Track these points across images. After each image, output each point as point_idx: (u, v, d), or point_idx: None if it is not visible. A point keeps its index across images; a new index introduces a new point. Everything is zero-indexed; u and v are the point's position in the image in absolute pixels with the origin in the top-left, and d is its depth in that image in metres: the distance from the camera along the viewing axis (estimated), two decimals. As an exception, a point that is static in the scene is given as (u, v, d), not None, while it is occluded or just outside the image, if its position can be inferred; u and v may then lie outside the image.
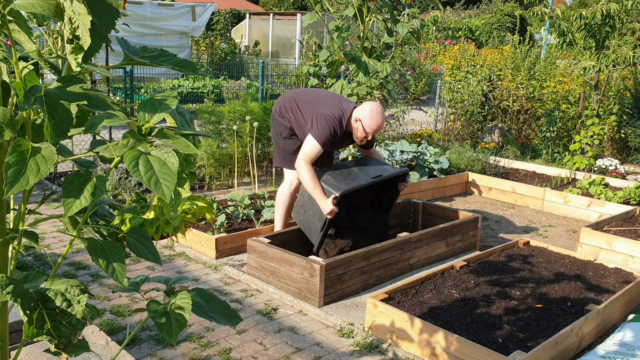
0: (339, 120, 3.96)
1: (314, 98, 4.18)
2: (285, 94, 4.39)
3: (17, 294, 1.21)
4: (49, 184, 5.88)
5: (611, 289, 3.74)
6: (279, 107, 4.27)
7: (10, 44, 1.23)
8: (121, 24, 7.36)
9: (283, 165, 4.39)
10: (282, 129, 4.28)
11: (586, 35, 7.82)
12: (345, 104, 4.09)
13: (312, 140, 3.90)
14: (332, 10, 5.86)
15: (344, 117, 3.99)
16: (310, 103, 4.11)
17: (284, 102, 4.26)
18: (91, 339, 2.80)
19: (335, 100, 4.11)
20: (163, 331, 1.34)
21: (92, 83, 6.61)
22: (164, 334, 1.33)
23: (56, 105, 1.13)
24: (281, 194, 4.37)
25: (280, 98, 4.37)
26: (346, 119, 4.00)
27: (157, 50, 1.39)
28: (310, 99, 4.17)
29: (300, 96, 4.24)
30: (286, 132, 4.27)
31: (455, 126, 9.68)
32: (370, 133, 3.98)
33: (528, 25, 15.43)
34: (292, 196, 4.34)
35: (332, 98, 4.16)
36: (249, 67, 17.16)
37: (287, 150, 4.30)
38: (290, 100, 4.21)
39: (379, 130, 4.03)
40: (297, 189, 4.31)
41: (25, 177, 1.09)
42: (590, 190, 6.25)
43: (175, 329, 1.34)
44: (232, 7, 24.61)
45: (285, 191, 4.33)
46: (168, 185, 1.14)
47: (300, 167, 3.89)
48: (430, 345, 2.98)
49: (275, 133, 4.35)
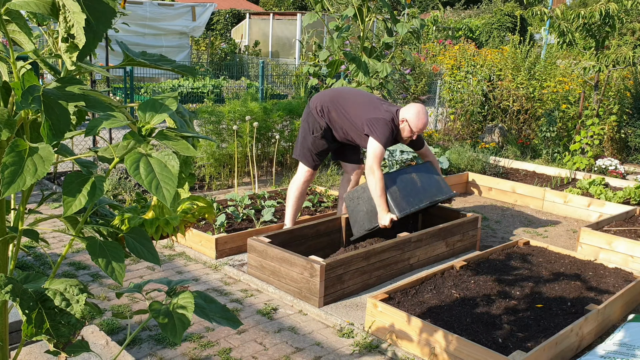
0: (392, 122, 4.21)
1: (359, 102, 4.36)
2: (324, 93, 4.54)
3: (16, 294, 1.21)
4: (48, 184, 5.88)
5: (611, 289, 3.74)
6: (320, 106, 4.38)
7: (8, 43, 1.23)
8: (121, 23, 7.37)
9: (301, 160, 4.53)
10: (316, 127, 4.39)
11: (586, 35, 7.81)
12: (389, 107, 4.34)
13: (375, 143, 4.13)
14: (332, 10, 5.86)
15: (395, 118, 4.24)
16: (358, 106, 4.30)
17: (326, 102, 4.38)
18: (91, 339, 2.80)
19: (381, 104, 4.34)
20: (167, 331, 1.33)
21: (92, 83, 6.61)
22: (167, 334, 1.33)
23: (54, 105, 1.12)
24: (292, 187, 4.54)
25: (320, 96, 4.49)
26: (397, 120, 4.24)
27: (157, 55, 1.39)
28: (356, 102, 4.35)
29: (345, 98, 4.39)
30: (320, 132, 4.39)
31: (455, 126, 9.68)
32: (416, 132, 4.25)
33: (528, 26, 15.43)
34: (301, 189, 4.51)
35: (377, 101, 4.38)
36: (249, 67, 17.16)
37: (311, 148, 4.44)
38: (333, 102, 4.36)
39: (424, 129, 4.29)
40: (307, 184, 4.54)
41: (22, 177, 1.09)
42: (590, 190, 6.25)
43: (179, 329, 1.34)
44: (232, 7, 24.61)
45: (297, 184, 4.51)
46: (168, 188, 1.14)
47: (373, 172, 4.09)
48: (430, 345, 2.99)
49: (307, 128, 4.45)
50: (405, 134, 4.27)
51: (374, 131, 4.15)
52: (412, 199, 4.23)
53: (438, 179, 4.53)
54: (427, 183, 4.43)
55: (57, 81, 1.21)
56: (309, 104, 4.49)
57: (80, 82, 1.22)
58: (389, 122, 4.19)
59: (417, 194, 4.30)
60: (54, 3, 1.15)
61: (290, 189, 4.56)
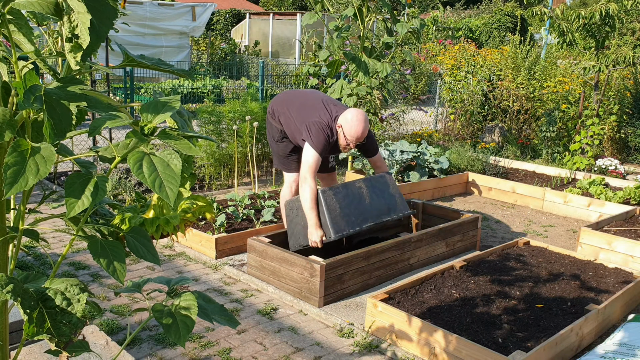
0: (328, 126, 3.87)
1: (304, 103, 4.07)
2: (277, 97, 4.34)
3: (17, 293, 1.21)
4: (48, 184, 5.88)
5: (611, 289, 3.74)
6: (271, 110, 4.23)
7: (9, 44, 1.23)
8: (121, 23, 7.37)
9: (280, 168, 4.40)
10: (275, 132, 4.25)
11: (586, 35, 7.81)
12: (333, 108, 3.97)
13: (310, 150, 3.82)
14: (332, 10, 5.86)
15: (332, 121, 3.90)
16: (301, 109, 4.02)
17: (276, 105, 4.22)
18: (91, 339, 2.80)
19: (325, 104, 4.00)
20: (171, 334, 1.33)
21: (92, 83, 6.61)
22: (171, 337, 1.33)
23: (56, 105, 1.13)
24: (283, 197, 4.34)
25: (273, 100, 4.32)
26: (333, 124, 3.90)
27: (155, 59, 1.40)
28: (301, 104, 4.07)
29: (292, 101, 4.16)
30: (278, 135, 4.24)
31: (455, 126, 9.68)
32: (351, 141, 3.83)
33: (528, 26, 15.43)
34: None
35: (323, 102, 4.04)
36: (249, 67, 17.16)
37: (280, 153, 4.29)
38: (282, 105, 4.16)
39: (361, 139, 3.84)
40: (297, 191, 4.24)
41: (25, 177, 1.09)
42: (590, 190, 6.25)
43: (182, 331, 1.33)
44: (232, 7, 24.62)
45: (286, 195, 4.29)
46: (172, 187, 1.14)
47: (305, 182, 3.78)
48: (430, 345, 2.99)
49: (270, 136, 4.34)
50: (340, 141, 3.88)
51: (309, 137, 3.82)
52: (355, 218, 3.77)
53: (393, 193, 4.06)
54: (379, 199, 3.95)
55: (58, 81, 1.21)
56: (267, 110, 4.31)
57: (81, 82, 1.23)
58: (325, 127, 3.83)
59: (363, 213, 3.82)
60: (57, 3, 1.16)
61: (282, 200, 4.32)
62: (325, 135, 3.85)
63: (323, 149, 3.85)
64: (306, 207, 3.74)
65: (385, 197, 4.01)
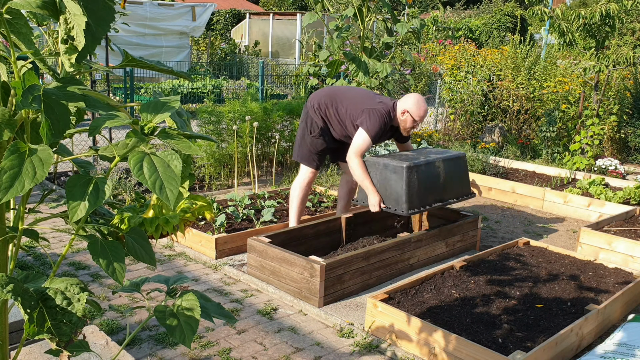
0: (388, 114, 4.13)
1: (355, 96, 4.30)
2: (321, 91, 4.48)
3: (17, 293, 1.21)
4: (48, 184, 5.88)
5: (611, 289, 3.74)
6: (317, 104, 4.33)
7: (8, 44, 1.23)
8: (121, 23, 7.36)
9: (302, 161, 4.48)
10: (314, 127, 4.34)
11: (586, 36, 7.81)
12: (385, 100, 4.27)
13: (363, 134, 4.05)
14: (332, 10, 5.86)
15: (392, 109, 4.17)
16: (355, 100, 4.25)
17: (322, 98, 4.34)
18: (91, 338, 2.80)
19: (376, 97, 4.28)
20: (175, 335, 1.32)
21: (92, 83, 6.61)
22: (176, 338, 1.32)
23: (54, 105, 1.12)
24: (296, 188, 4.47)
25: (317, 94, 4.44)
26: (393, 113, 4.17)
27: (154, 62, 1.40)
28: (353, 97, 4.30)
29: (343, 93, 4.35)
30: (317, 131, 4.34)
31: (455, 126, 9.67)
32: (419, 121, 4.20)
33: (528, 26, 15.43)
34: (304, 190, 4.46)
35: (372, 95, 4.32)
36: (249, 67, 17.16)
37: (311, 149, 4.39)
38: (330, 97, 4.31)
39: (425, 117, 4.24)
40: (309, 184, 4.48)
41: (21, 181, 1.08)
42: (590, 190, 6.25)
43: (187, 332, 1.33)
44: (232, 7, 24.62)
45: (299, 184, 4.45)
46: (172, 189, 1.14)
47: (352, 160, 4.05)
48: (430, 345, 2.99)
49: (305, 128, 4.41)
50: (408, 125, 4.20)
51: (366, 122, 4.07)
52: (428, 198, 4.07)
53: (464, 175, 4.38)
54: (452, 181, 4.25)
55: (58, 81, 1.21)
56: (306, 104, 4.45)
57: (80, 83, 1.22)
58: (384, 114, 4.11)
59: (435, 193, 4.13)
60: (54, 3, 1.16)
61: (293, 189, 4.49)
62: (383, 121, 4.10)
63: (376, 135, 4.09)
64: (359, 178, 4.07)
65: (457, 178, 4.32)
